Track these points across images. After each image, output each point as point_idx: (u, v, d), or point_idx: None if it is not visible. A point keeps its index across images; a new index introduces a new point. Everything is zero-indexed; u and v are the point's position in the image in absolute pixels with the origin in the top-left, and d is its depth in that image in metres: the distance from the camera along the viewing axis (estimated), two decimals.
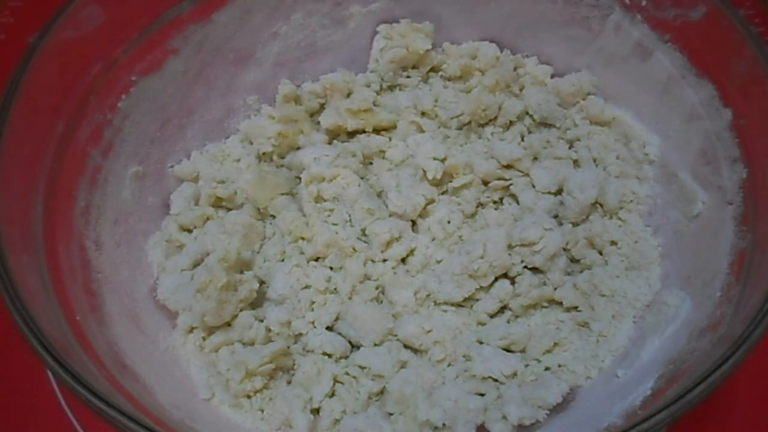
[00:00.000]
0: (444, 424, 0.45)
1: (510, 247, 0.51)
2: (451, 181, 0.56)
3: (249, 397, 0.48)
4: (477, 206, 0.56)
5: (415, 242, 0.53)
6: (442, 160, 0.55)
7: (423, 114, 0.60)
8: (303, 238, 0.54)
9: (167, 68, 0.56)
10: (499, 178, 0.56)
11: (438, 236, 0.53)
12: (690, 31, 0.51)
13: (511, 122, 0.58)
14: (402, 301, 0.51)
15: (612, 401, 0.44)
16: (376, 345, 0.50)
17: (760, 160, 0.47)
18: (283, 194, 0.57)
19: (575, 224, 0.54)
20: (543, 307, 0.52)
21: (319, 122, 0.60)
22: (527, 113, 0.59)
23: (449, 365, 0.49)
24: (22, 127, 0.47)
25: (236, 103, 0.61)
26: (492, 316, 0.51)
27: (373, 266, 0.53)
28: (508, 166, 0.55)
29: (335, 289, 0.52)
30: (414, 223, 0.55)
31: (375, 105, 0.60)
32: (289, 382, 0.50)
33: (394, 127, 0.59)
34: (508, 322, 0.51)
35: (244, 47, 0.60)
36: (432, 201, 0.55)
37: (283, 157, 0.60)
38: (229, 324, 0.51)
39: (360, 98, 0.59)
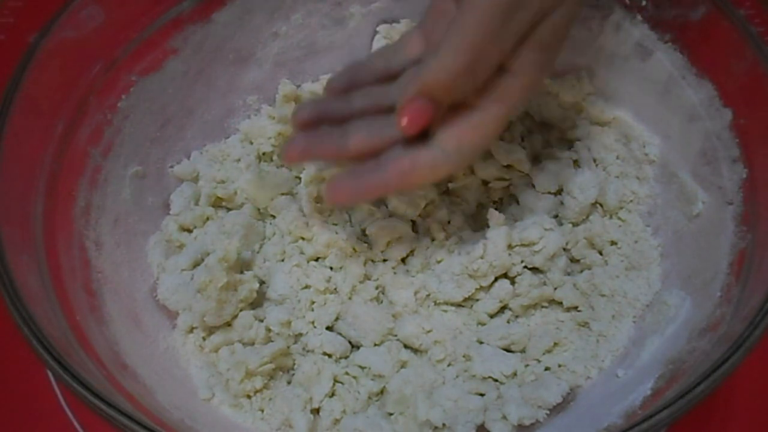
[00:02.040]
0: (444, 424, 0.45)
1: (510, 247, 0.51)
2: (451, 181, 0.56)
3: (249, 397, 0.48)
4: (477, 206, 0.56)
5: (415, 243, 0.53)
6: None
7: None
8: (303, 238, 0.54)
9: (167, 68, 0.56)
10: (499, 178, 0.56)
11: (438, 237, 0.53)
12: (690, 31, 0.51)
13: (511, 122, 0.58)
14: (402, 301, 0.51)
15: (612, 401, 0.44)
16: (376, 345, 0.50)
17: (760, 160, 0.47)
18: (283, 194, 0.57)
19: (575, 224, 0.54)
20: (543, 307, 0.52)
21: None
22: (527, 113, 0.59)
23: (449, 365, 0.49)
24: (22, 127, 0.47)
25: (236, 103, 0.61)
26: (492, 316, 0.51)
27: (373, 266, 0.53)
28: (508, 166, 0.55)
29: (335, 289, 0.52)
30: (414, 223, 0.55)
31: None
32: (289, 382, 0.50)
33: None
34: (508, 322, 0.51)
35: (244, 47, 0.60)
36: (432, 201, 0.55)
37: None
38: (229, 324, 0.51)
39: None
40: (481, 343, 0.50)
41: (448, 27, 0.40)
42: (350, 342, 0.51)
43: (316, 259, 0.54)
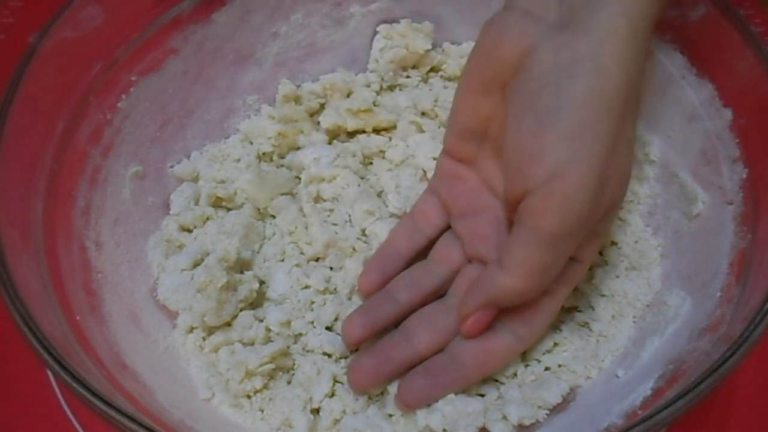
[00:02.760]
0: (444, 430, 0.45)
1: None
2: None
3: (249, 397, 0.48)
4: None
5: None
6: None
7: (423, 114, 0.60)
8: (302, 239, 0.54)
9: (167, 68, 0.56)
10: None
11: None
12: (690, 31, 0.51)
13: None
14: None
15: (612, 401, 0.44)
16: None
17: (760, 160, 0.47)
18: (282, 194, 0.57)
19: None
20: None
21: (319, 122, 0.60)
22: None
23: None
24: (22, 127, 0.47)
25: (236, 103, 0.61)
26: None
27: None
28: None
29: (335, 289, 0.52)
30: None
31: (375, 105, 0.60)
32: (289, 382, 0.50)
33: (394, 127, 0.59)
34: None
35: (244, 47, 0.60)
36: None
37: (283, 157, 0.60)
38: (229, 324, 0.51)
39: (360, 98, 0.59)
40: None
41: (513, 237, 0.39)
42: None
43: (316, 259, 0.54)
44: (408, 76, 0.62)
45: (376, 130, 0.60)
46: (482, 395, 0.47)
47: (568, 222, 0.37)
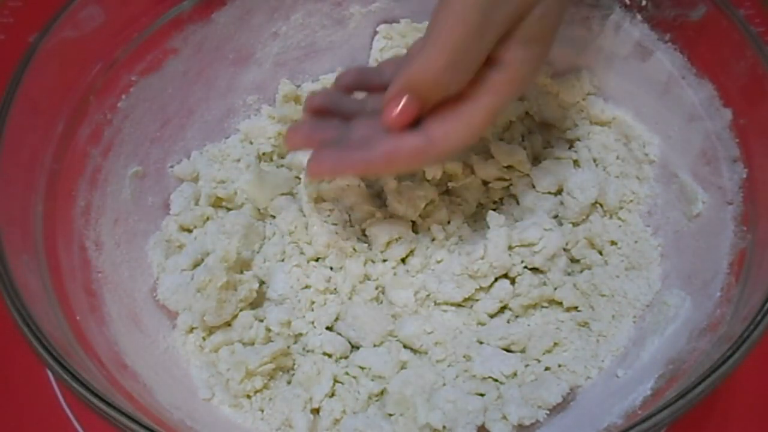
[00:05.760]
0: (444, 426, 0.45)
1: (510, 247, 0.51)
2: (451, 182, 0.56)
3: (249, 397, 0.48)
4: (477, 206, 0.56)
5: (415, 243, 0.53)
6: None
7: None
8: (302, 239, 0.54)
9: (167, 68, 0.56)
10: (500, 179, 0.56)
11: (438, 237, 0.53)
12: (690, 31, 0.51)
13: (511, 122, 0.58)
14: (402, 302, 0.51)
15: (612, 401, 0.44)
16: (375, 346, 0.50)
17: (760, 160, 0.47)
18: (283, 194, 0.57)
19: (575, 224, 0.54)
20: (543, 307, 0.52)
21: None
22: (527, 113, 0.59)
23: (449, 365, 0.49)
24: (22, 127, 0.47)
25: (236, 103, 0.61)
26: (492, 316, 0.51)
27: (373, 266, 0.53)
28: (509, 167, 0.55)
29: (335, 289, 0.52)
30: (414, 223, 0.55)
31: None
32: (289, 382, 0.50)
33: None
34: (508, 322, 0.51)
35: (244, 47, 0.60)
36: (432, 201, 0.55)
37: (283, 157, 0.60)
38: (229, 324, 0.51)
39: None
40: (481, 343, 0.50)
41: (430, 25, 0.40)
42: (350, 342, 0.51)
43: (316, 259, 0.54)
44: None
45: None
46: (482, 395, 0.47)
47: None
